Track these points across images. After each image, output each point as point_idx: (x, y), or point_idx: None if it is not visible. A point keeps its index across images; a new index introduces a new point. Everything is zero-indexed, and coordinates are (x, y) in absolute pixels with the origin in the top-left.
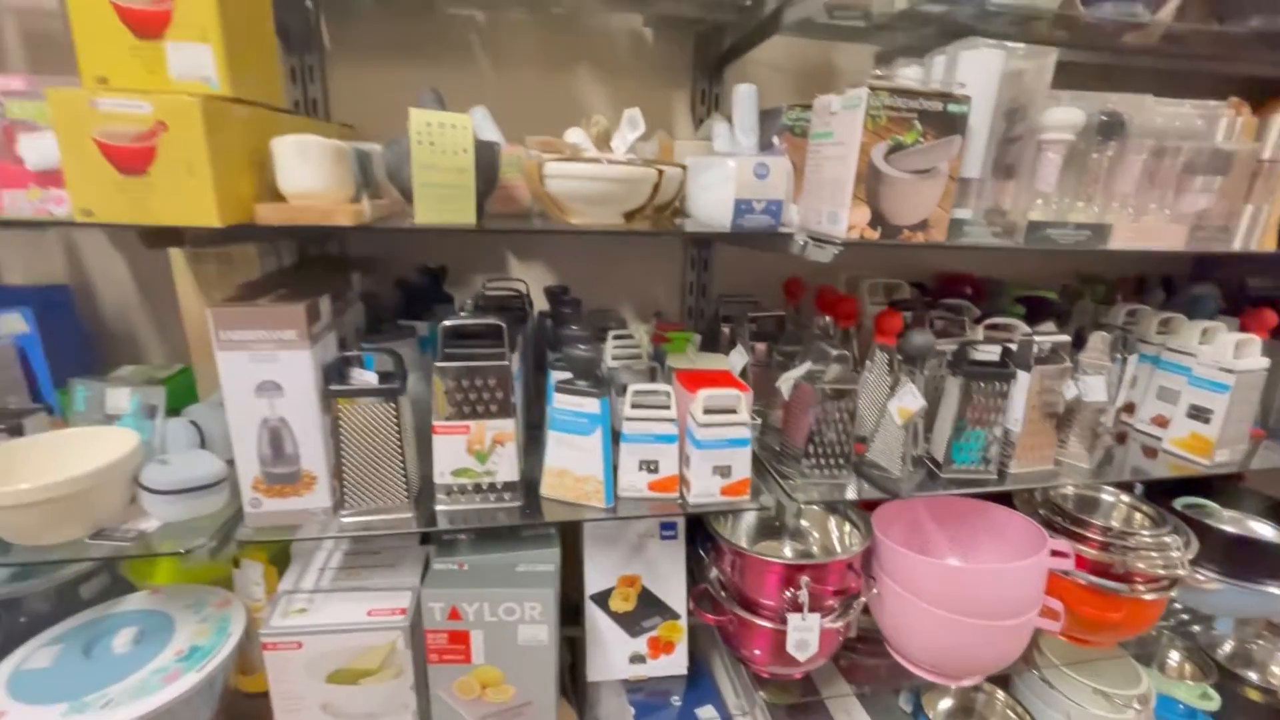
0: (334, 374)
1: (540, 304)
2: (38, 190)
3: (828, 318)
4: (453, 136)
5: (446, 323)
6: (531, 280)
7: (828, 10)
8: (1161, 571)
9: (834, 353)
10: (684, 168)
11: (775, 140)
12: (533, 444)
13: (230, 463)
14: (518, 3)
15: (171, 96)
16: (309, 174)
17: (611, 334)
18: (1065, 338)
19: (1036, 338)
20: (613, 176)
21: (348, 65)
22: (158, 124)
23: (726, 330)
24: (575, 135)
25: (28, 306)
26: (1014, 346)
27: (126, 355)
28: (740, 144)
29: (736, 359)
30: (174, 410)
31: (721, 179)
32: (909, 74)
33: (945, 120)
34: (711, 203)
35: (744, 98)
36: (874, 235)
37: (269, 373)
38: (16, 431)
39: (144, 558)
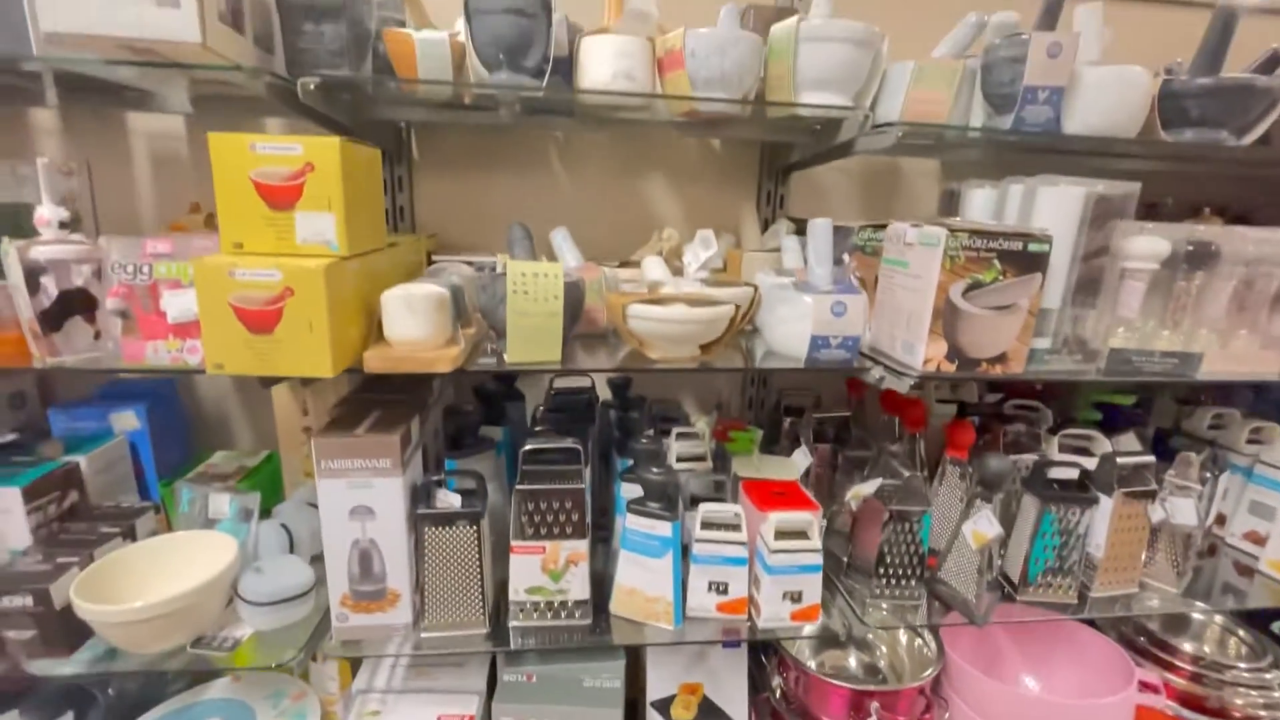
0: (421, 496)
1: (603, 390)
2: (176, 341)
3: (895, 419)
4: (544, 285)
5: (527, 447)
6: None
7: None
8: (1262, 714)
9: (906, 473)
10: (755, 288)
11: (845, 257)
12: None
13: (318, 558)
14: (594, 124)
15: (298, 264)
16: (414, 324)
17: (675, 432)
18: (1149, 459)
19: (1119, 459)
20: (693, 319)
21: (434, 175)
22: (286, 289)
23: (788, 423)
24: (654, 267)
25: (141, 403)
26: (1094, 465)
27: (218, 439)
28: (815, 274)
29: (800, 460)
30: (265, 505)
31: (798, 315)
32: (982, 197)
33: (1025, 259)
34: (787, 335)
35: (819, 231)
36: (950, 368)
37: (363, 498)
38: (129, 534)
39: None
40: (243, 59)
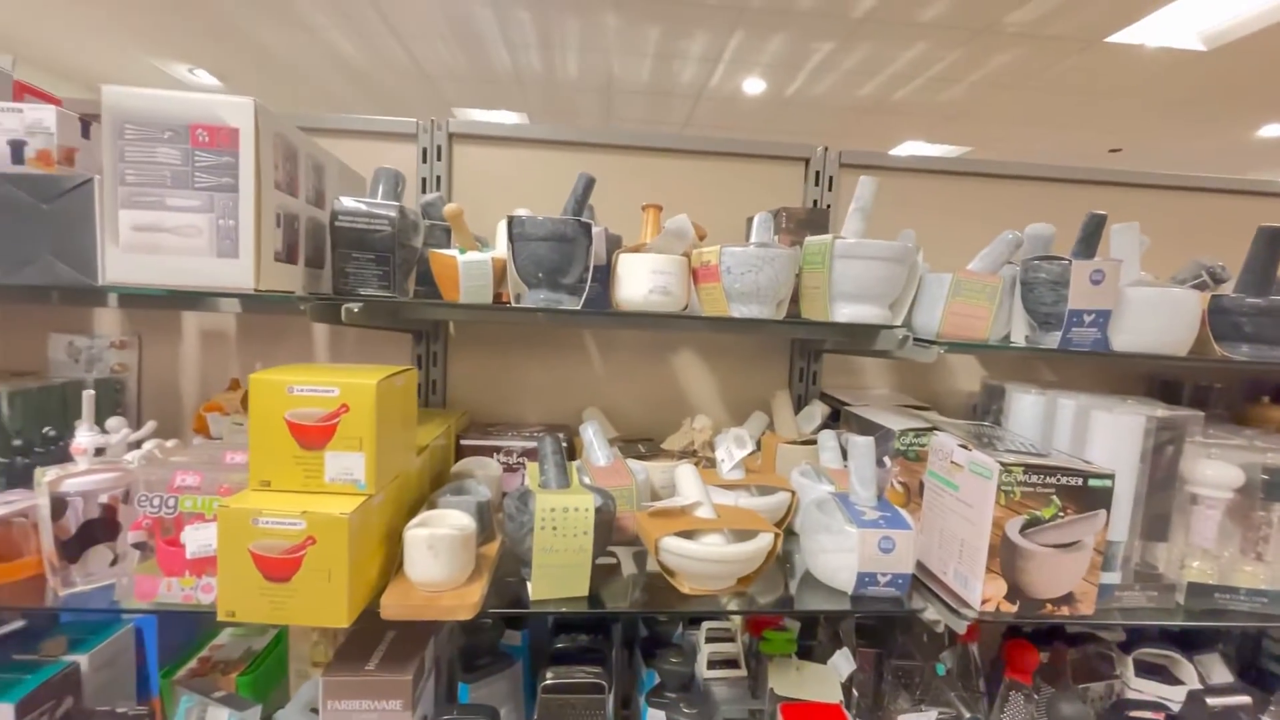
0: None
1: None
2: (191, 579)
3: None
4: (575, 520)
5: (547, 681)
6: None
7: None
8: None
9: (967, 715)
10: (793, 494)
11: (886, 461)
12: None
13: None
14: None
15: (323, 514)
16: (436, 567)
17: (706, 628)
18: (1244, 699)
19: (1210, 699)
20: (729, 559)
21: (467, 353)
22: (308, 539)
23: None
24: (688, 482)
25: None
26: (1178, 696)
27: None
28: (858, 495)
29: (842, 665)
30: (268, 690)
31: (842, 547)
32: (1029, 407)
33: (1087, 495)
34: (831, 566)
35: (861, 452)
36: (1011, 609)
37: None
38: None
39: None
40: (293, 283)
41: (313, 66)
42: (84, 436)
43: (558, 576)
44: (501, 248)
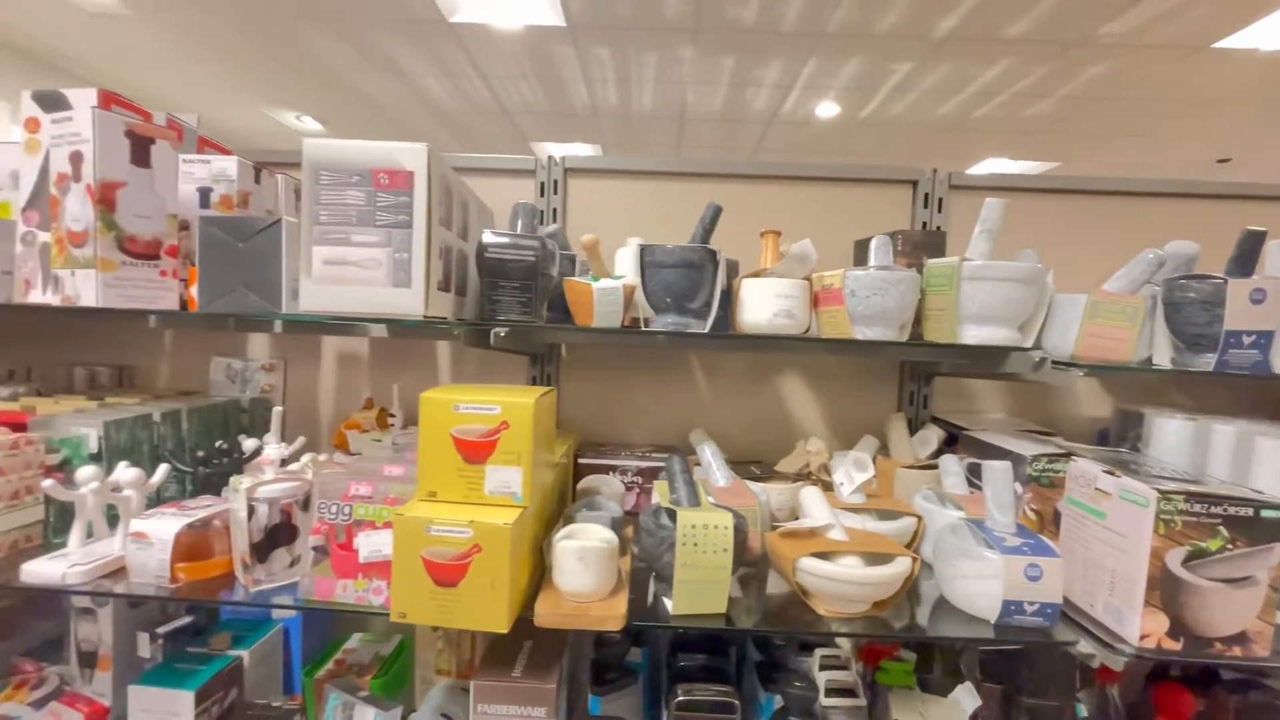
0: None
1: None
2: (363, 581)
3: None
4: (714, 537)
5: (680, 698)
6: None
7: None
8: None
9: None
10: (919, 519)
11: (1018, 488)
12: None
13: None
14: (750, 344)
15: (488, 522)
16: (585, 578)
17: (820, 655)
18: None
19: None
20: (868, 581)
21: (578, 375)
22: (474, 546)
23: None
24: (815, 504)
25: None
26: None
27: (354, 621)
28: (996, 522)
29: (965, 700)
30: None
31: (983, 572)
32: (1175, 433)
33: (1259, 526)
34: (969, 593)
35: (999, 478)
36: (1175, 646)
37: None
38: None
39: None
40: (447, 310)
41: (406, 109)
42: (272, 449)
43: (698, 592)
44: (620, 273)
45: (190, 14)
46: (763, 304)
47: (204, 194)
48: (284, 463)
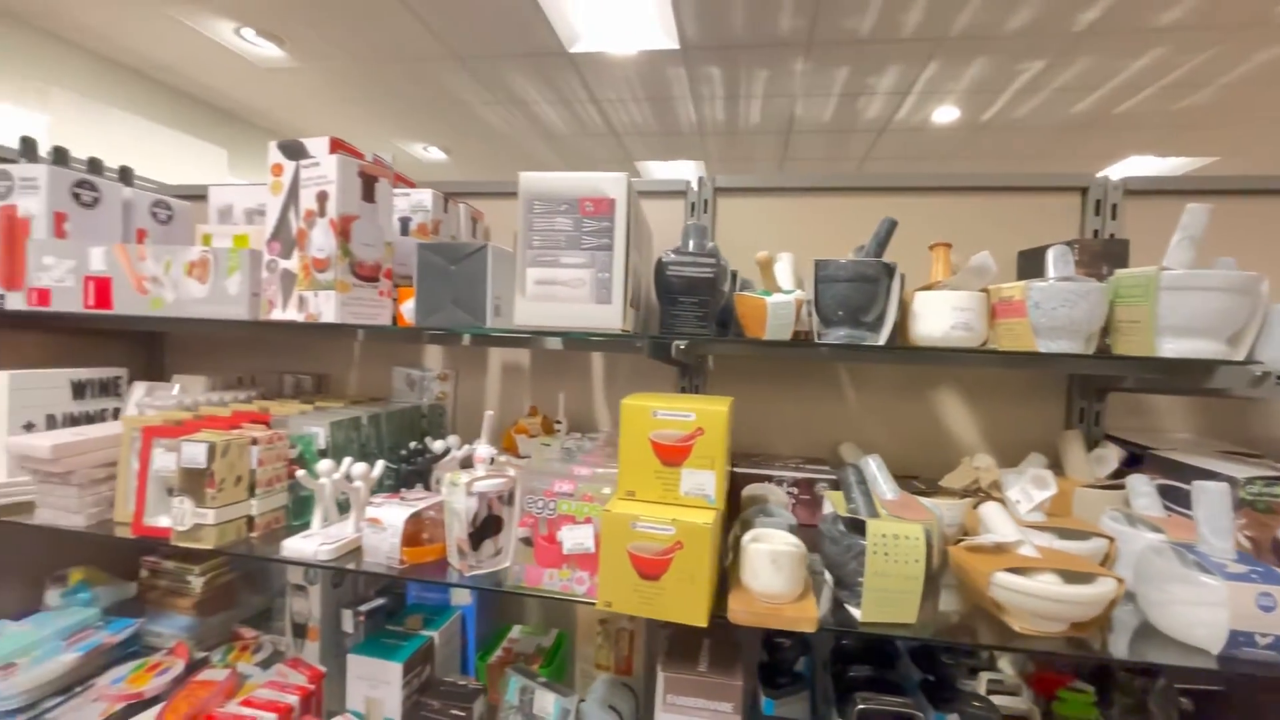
0: None
1: None
2: (567, 571)
3: None
4: (906, 547)
5: (860, 707)
6: None
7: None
8: None
9: None
10: (1111, 541)
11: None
12: None
13: None
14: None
15: (689, 520)
16: (777, 580)
17: (986, 679)
18: None
19: None
20: (1071, 599)
21: (724, 384)
22: (676, 544)
23: (1123, 675)
24: (1000, 520)
25: None
26: None
27: (512, 614)
28: (1212, 547)
29: None
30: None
31: (1202, 599)
32: None
33: None
34: (1184, 620)
35: (1215, 500)
36: None
37: None
38: (469, 716)
39: None
40: (632, 324)
41: (521, 136)
42: (484, 449)
43: (888, 601)
44: (785, 286)
45: (342, 63)
46: (939, 317)
47: (404, 223)
48: (463, 463)
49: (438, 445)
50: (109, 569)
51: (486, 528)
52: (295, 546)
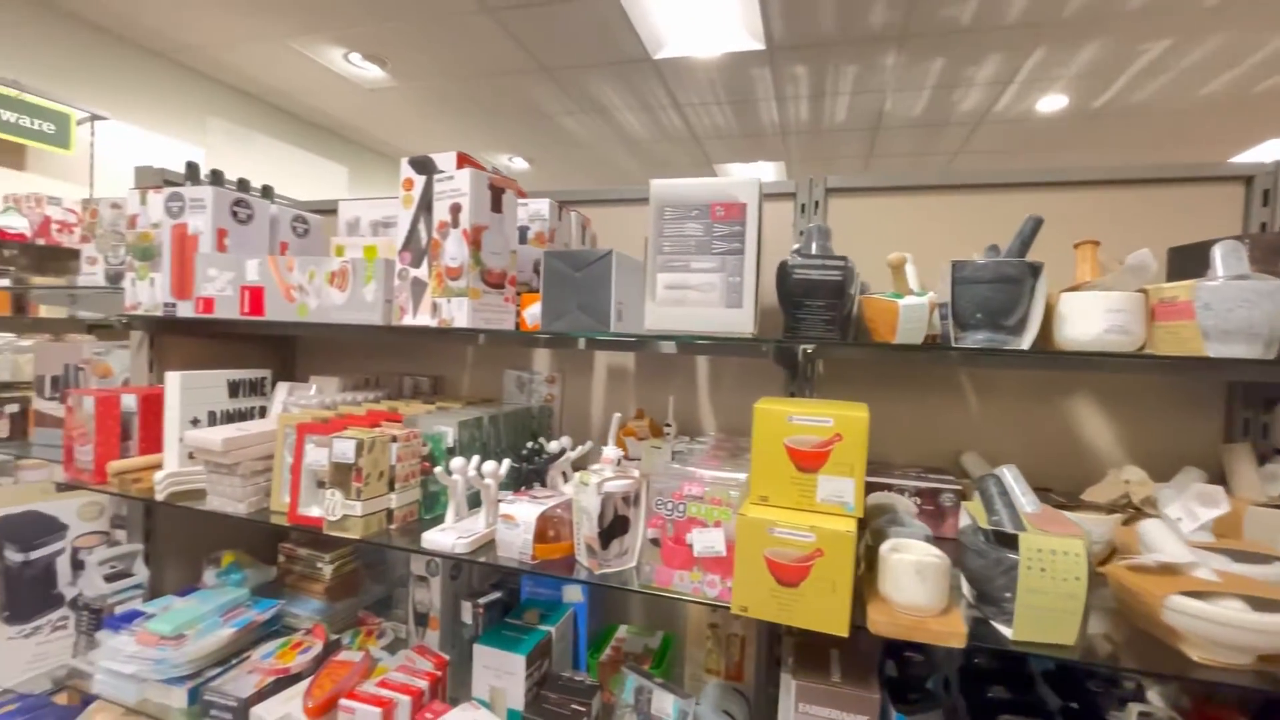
0: None
1: None
2: (698, 573)
3: None
4: (1064, 564)
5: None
6: None
7: None
8: None
9: None
10: None
11: None
12: None
13: None
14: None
15: (830, 528)
16: (922, 592)
17: (1135, 710)
18: None
19: None
20: (1262, 629)
21: (832, 390)
22: (816, 550)
23: None
24: (1165, 538)
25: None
26: None
27: (615, 614)
28: None
29: None
30: None
31: None
32: None
33: None
34: None
35: None
36: None
37: None
38: (588, 711)
39: None
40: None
41: (602, 143)
42: (610, 450)
43: (1043, 620)
44: (911, 287)
45: (438, 81)
46: (1091, 319)
47: (522, 231)
48: (574, 465)
49: (553, 445)
50: (252, 554)
51: (614, 528)
52: (434, 539)
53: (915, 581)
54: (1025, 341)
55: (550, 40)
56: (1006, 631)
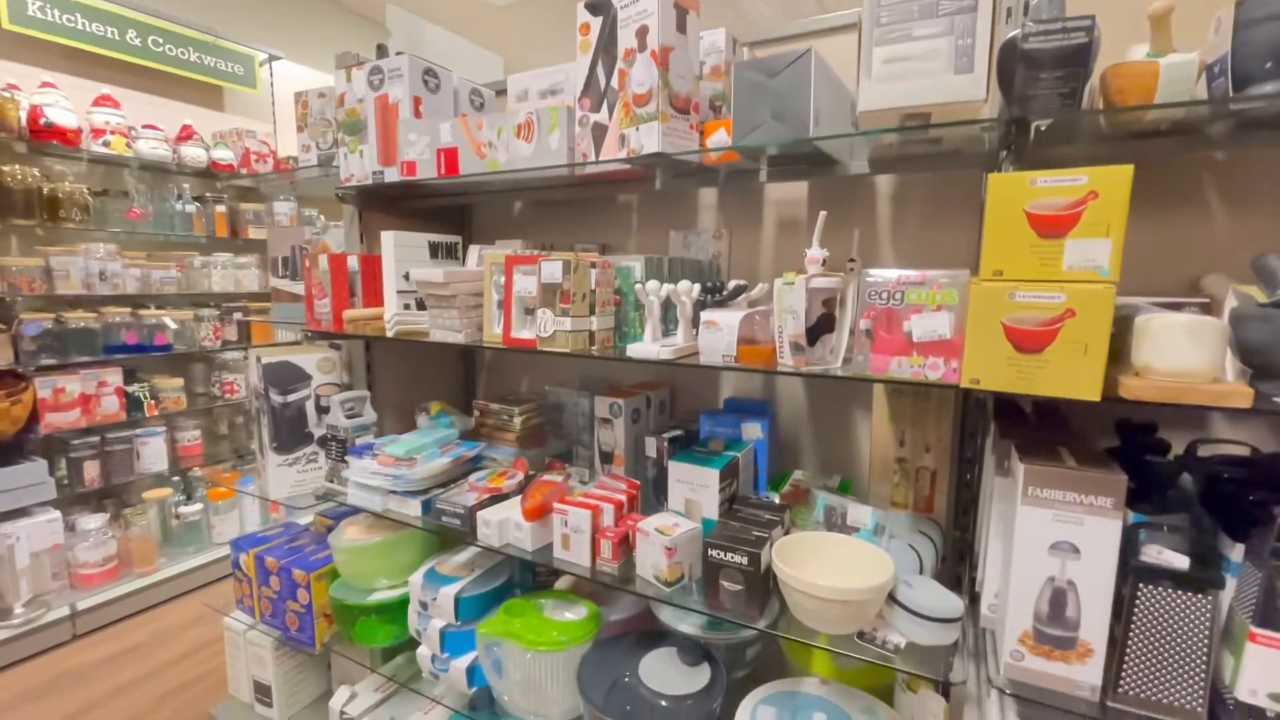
0: (1134, 544)
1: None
2: (918, 358)
3: None
4: None
5: None
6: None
7: None
8: None
9: None
10: None
11: None
12: None
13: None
14: None
15: (1084, 288)
16: (1195, 355)
17: None
18: None
19: None
20: None
21: None
22: (1066, 311)
23: None
24: None
25: (764, 418)
26: None
27: (792, 460)
28: None
29: None
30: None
31: None
32: None
33: None
34: None
35: None
36: None
37: (1069, 534)
38: (779, 524)
39: (903, 672)
40: (985, 111)
41: None
42: (815, 250)
43: None
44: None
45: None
46: None
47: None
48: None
49: (732, 284)
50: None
51: (820, 325)
52: (639, 349)
53: (1187, 344)
54: None
55: None
56: None
